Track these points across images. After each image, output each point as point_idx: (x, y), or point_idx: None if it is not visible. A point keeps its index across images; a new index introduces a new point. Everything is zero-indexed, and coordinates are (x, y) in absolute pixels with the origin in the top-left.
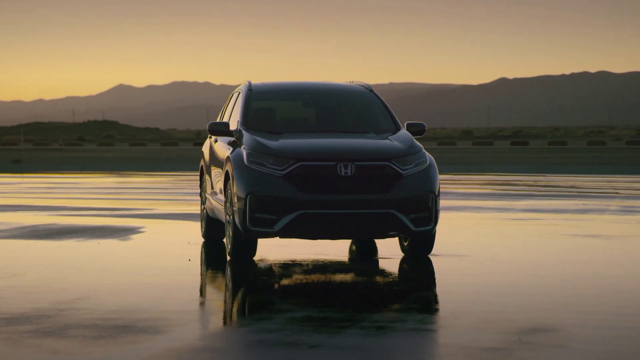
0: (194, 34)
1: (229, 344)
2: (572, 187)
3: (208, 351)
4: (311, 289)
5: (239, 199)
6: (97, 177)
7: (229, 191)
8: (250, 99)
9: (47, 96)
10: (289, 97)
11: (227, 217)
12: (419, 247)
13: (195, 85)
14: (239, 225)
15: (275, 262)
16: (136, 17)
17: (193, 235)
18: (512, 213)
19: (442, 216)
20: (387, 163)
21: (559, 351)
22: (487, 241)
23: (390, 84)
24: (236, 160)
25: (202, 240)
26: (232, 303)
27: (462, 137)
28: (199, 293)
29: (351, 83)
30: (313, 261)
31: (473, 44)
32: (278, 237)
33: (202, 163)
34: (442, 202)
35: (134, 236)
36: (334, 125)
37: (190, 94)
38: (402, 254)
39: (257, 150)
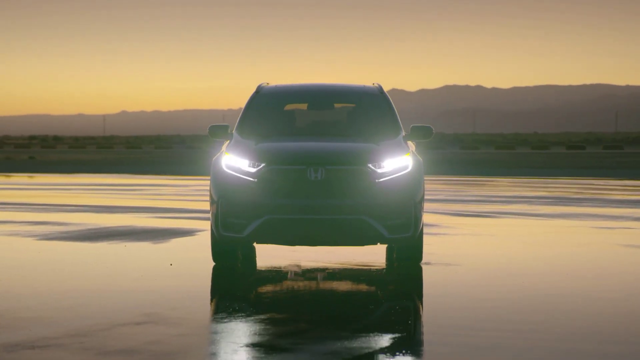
0: (465, 37)
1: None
2: None
3: None
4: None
5: (213, 202)
6: None
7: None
8: (254, 102)
9: None
10: (293, 99)
11: None
12: (404, 255)
13: (466, 89)
14: (214, 230)
15: (258, 268)
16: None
17: None
18: (595, 220)
19: (495, 222)
20: (361, 167)
21: None
22: (490, 250)
23: (627, 86)
24: (215, 164)
25: None
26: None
27: None
28: (95, 299)
29: (373, 85)
30: (302, 268)
31: None
32: (252, 243)
33: None
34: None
35: (175, 239)
36: (329, 129)
37: (460, 98)
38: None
39: (234, 155)
